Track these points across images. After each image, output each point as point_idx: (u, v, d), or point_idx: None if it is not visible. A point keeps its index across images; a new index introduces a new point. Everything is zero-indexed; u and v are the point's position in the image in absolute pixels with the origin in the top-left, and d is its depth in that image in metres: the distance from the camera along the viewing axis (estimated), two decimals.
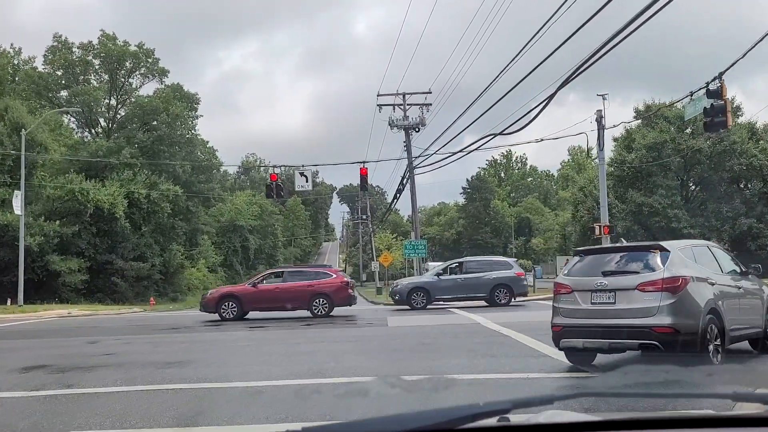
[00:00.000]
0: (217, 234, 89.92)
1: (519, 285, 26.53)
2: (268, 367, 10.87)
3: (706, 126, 18.45)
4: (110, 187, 47.78)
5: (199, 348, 14.22)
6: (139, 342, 15.74)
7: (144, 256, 52.23)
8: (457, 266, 27.62)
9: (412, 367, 10.46)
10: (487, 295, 25.95)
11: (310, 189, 35.06)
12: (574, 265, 10.65)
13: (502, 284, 26.08)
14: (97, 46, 57.00)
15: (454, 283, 26.12)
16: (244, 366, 11.02)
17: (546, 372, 9.90)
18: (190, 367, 10.98)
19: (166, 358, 12.40)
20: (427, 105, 40.29)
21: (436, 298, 25.99)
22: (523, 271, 27.18)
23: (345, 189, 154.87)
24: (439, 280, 26.51)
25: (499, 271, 26.59)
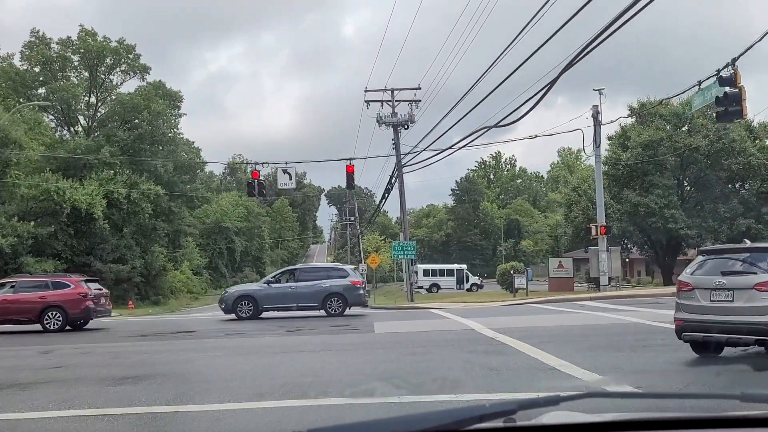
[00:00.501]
0: (202, 236, 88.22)
1: (354, 294, 24.53)
2: (235, 383, 9.42)
3: (718, 116, 17.21)
4: (88, 186, 46.06)
5: (163, 360, 12.72)
6: (98, 352, 14.24)
7: (124, 258, 50.56)
8: (290, 273, 25.86)
9: (399, 386, 9.02)
10: (319, 304, 24.09)
11: (294, 187, 33.70)
12: (698, 264, 11.30)
13: (336, 293, 24.23)
14: (76, 42, 55.20)
15: (285, 291, 24.22)
16: (208, 382, 9.57)
17: (558, 391, 8.44)
18: (145, 384, 9.51)
19: (121, 372, 10.93)
20: (416, 101, 38.98)
21: (265, 307, 24.04)
22: (360, 280, 25.30)
23: (333, 191, 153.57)
24: (269, 288, 24.47)
25: (333, 279, 24.71)
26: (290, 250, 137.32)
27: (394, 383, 9.23)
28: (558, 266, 43.79)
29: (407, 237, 40.42)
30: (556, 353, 11.91)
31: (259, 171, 31.27)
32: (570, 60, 14.56)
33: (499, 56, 18.83)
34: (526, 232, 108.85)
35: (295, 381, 9.30)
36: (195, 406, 7.74)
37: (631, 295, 30.44)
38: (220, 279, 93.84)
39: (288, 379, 9.50)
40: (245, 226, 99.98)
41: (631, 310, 22.24)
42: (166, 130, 56.68)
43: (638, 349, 12.76)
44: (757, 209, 41.64)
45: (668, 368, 10.71)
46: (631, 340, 14.31)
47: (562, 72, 14.62)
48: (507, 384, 8.91)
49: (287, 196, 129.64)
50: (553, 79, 14.87)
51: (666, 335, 14.71)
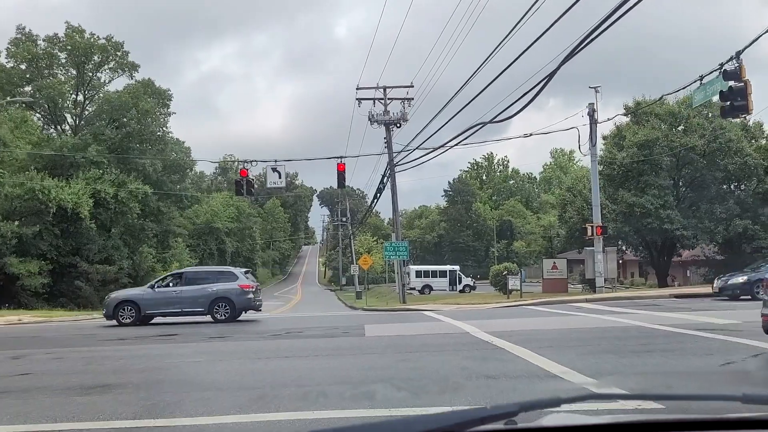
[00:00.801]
0: (192, 236, 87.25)
1: (242, 299, 23.50)
2: (213, 392, 8.68)
3: (723, 112, 16.54)
4: (75, 186, 45.16)
5: (138, 366, 11.95)
6: (72, 357, 13.45)
7: (111, 259, 49.73)
8: (177, 277, 24.81)
9: (390, 397, 8.32)
10: (205, 309, 23.18)
11: (283, 186, 32.88)
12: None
13: (223, 298, 23.28)
14: (63, 39, 54.32)
15: (170, 295, 23.16)
16: (183, 392, 8.82)
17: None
18: (114, 394, 8.78)
19: (92, 379, 10.19)
20: (409, 99, 38.26)
21: (148, 312, 23.02)
22: (250, 284, 24.39)
23: (325, 192, 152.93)
24: (153, 293, 23.39)
25: (221, 283, 23.71)
26: (282, 251, 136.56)
27: (384, 394, 8.53)
28: (552, 267, 43.18)
29: (399, 237, 39.74)
30: (556, 359, 11.24)
31: (248, 170, 30.50)
32: (571, 50, 13.93)
33: (490, 54, 18.40)
34: (519, 233, 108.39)
35: (276, 391, 8.57)
36: (163, 420, 7.00)
37: (627, 297, 29.84)
38: None
39: (268, 388, 8.77)
40: (236, 227, 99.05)
41: (629, 312, 21.62)
42: (154, 129, 55.89)
43: (642, 354, 12.09)
44: (754, 210, 41.13)
45: (670, 371, 10.41)
46: (633, 344, 13.64)
47: (562, 62, 13.98)
48: (506, 394, 8.22)
49: (279, 197, 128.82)
50: (553, 70, 14.24)
51: (668, 338, 14.10)
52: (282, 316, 34.07)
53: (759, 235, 40.46)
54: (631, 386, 8.95)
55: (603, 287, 31.74)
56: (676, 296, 28.69)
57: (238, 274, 24.51)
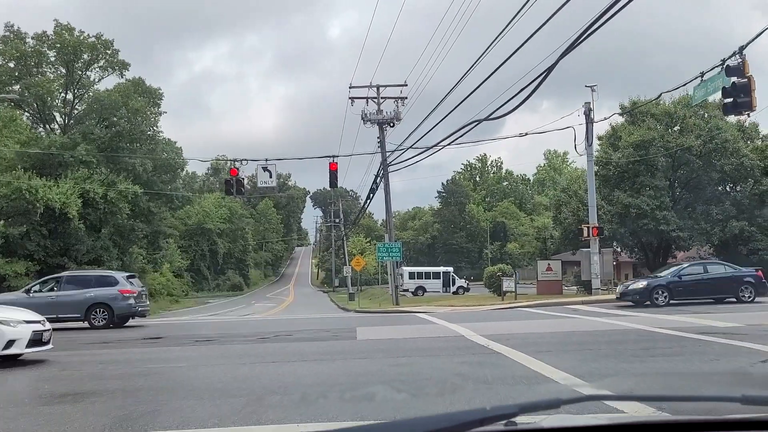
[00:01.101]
0: (184, 237, 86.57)
1: (122, 305, 22.78)
2: (191, 402, 8.11)
3: (725, 108, 16.07)
4: (63, 185, 44.44)
5: (117, 372, 11.36)
6: (47, 362, 12.82)
7: (100, 260, 48.95)
8: (55, 281, 23.95)
9: (383, 406, 7.78)
10: (82, 315, 22.45)
11: (274, 186, 32.28)
12: None
13: (100, 303, 22.58)
14: (52, 37, 53.52)
15: (45, 301, 22.10)
16: (160, 401, 8.24)
17: None
18: (86, 404, 8.20)
19: (65, 387, 9.60)
20: (403, 99, 37.71)
21: None
22: (132, 289, 23.38)
23: (318, 193, 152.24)
24: (28, 298, 22.34)
25: (99, 288, 22.97)
26: (274, 253, 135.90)
27: (376, 402, 7.99)
28: (546, 269, 42.70)
29: (393, 238, 39.21)
30: (556, 364, 10.73)
31: (239, 169, 29.91)
32: (572, 41, 13.44)
33: (483, 53, 18.07)
34: (512, 234, 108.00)
35: (260, 399, 8.01)
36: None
37: None
38: (202, 281, 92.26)
39: (252, 396, 8.21)
40: (228, 228, 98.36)
41: (627, 315, 21.16)
42: (145, 128, 55.04)
43: (647, 359, 11.58)
44: (750, 211, 40.74)
45: (669, 372, 10.25)
46: (634, 348, 13.14)
47: (562, 55, 13.51)
48: (505, 403, 7.65)
49: (272, 198, 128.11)
50: (553, 63, 13.76)
51: (671, 342, 13.59)
52: (272, 318, 33.50)
53: (755, 237, 40.09)
54: (631, 388, 8.92)
55: (599, 289, 31.27)
56: None
57: (119, 279, 23.62)
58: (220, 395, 8.53)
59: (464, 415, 1.89)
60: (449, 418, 1.88)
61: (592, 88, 30.47)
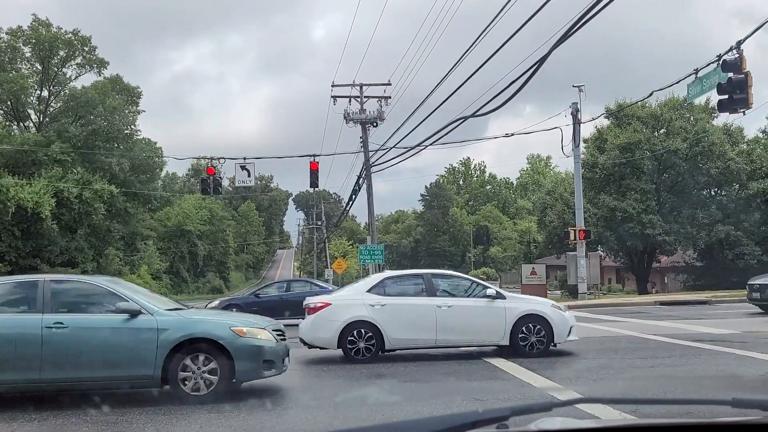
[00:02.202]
0: (163, 239, 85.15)
1: None
2: (163, 416, 7.19)
3: (721, 105, 15.41)
4: (36, 184, 43.18)
5: None
6: None
7: (74, 261, 47.70)
8: None
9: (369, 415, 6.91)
10: None
11: (252, 185, 31.33)
12: None
13: None
14: (27, 32, 52.20)
15: None
16: (127, 404, 7.31)
17: None
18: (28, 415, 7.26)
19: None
20: (386, 98, 36.84)
21: None
22: None
23: (301, 195, 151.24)
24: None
25: None
26: (256, 255, 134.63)
27: (353, 416, 7.15)
28: (531, 273, 42.06)
29: (375, 240, 38.38)
30: (550, 376, 9.98)
31: (216, 167, 28.92)
32: (562, 34, 12.69)
33: (466, 51, 17.55)
34: (495, 238, 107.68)
35: None
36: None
37: (611, 304, 28.69)
38: (181, 284, 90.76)
39: None
40: (209, 230, 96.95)
41: (616, 320, 20.47)
42: (122, 127, 53.88)
43: (644, 369, 10.83)
44: (736, 215, 40.38)
45: (660, 375, 10.13)
46: (632, 357, 12.38)
47: (553, 48, 12.75)
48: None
49: (254, 200, 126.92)
50: (543, 55, 13.02)
51: (668, 350, 12.85)
52: None
53: (741, 242, 39.72)
54: (623, 392, 8.99)
55: (585, 293, 30.63)
56: (662, 303, 27.62)
57: None
58: None
59: (456, 417, 1.90)
60: (441, 420, 1.88)
61: (580, 89, 29.86)
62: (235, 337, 8.69)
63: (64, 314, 8.68)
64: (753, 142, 44.67)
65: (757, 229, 41.36)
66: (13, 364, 8.30)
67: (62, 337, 8.43)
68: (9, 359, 8.28)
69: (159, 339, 8.54)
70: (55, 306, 8.72)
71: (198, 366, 8.54)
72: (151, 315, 8.74)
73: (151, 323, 8.65)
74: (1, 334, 8.37)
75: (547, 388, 8.64)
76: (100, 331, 8.69)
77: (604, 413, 6.14)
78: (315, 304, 12.50)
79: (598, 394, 8.58)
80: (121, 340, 8.63)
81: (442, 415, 1.92)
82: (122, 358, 8.57)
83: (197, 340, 8.64)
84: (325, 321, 12.15)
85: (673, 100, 40.93)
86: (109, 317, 8.80)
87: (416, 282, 12.97)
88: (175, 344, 8.53)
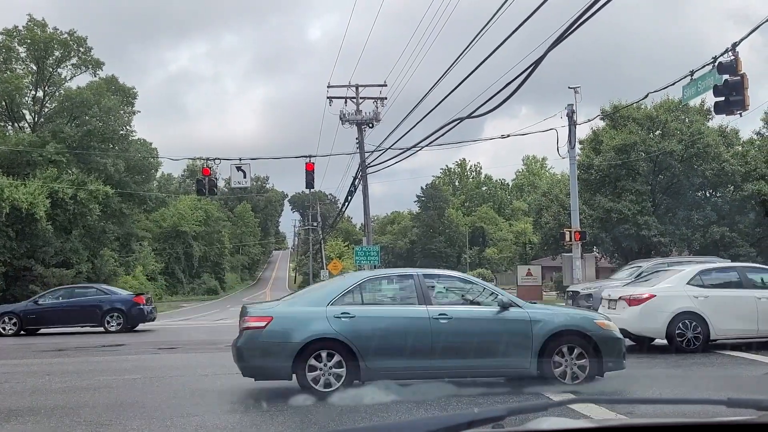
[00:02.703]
0: (158, 240, 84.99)
1: None
2: (138, 422, 7.16)
3: (717, 108, 15.41)
4: (30, 185, 43.04)
5: (63, 385, 10.31)
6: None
7: (69, 262, 47.52)
8: None
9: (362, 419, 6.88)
10: None
11: (248, 186, 31.23)
12: None
13: None
14: (22, 32, 52.05)
15: None
16: (101, 422, 7.27)
17: None
18: (15, 423, 7.21)
19: (1, 403, 8.58)
20: (382, 99, 36.83)
21: None
22: None
23: (296, 197, 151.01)
24: None
25: None
26: (251, 256, 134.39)
27: (348, 421, 7.12)
28: (526, 274, 42.19)
29: (371, 241, 38.33)
30: None
31: (211, 168, 28.83)
32: (558, 36, 12.68)
33: (462, 52, 17.53)
34: (491, 239, 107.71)
35: (216, 419, 7.08)
36: None
37: None
38: (176, 285, 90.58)
39: (208, 418, 7.27)
40: (204, 231, 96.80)
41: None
42: (117, 128, 53.74)
43: (641, 369, 10.82)
44: (731, 217, 40.48)
45: (657, 375, 10.27)
46: (629, 356, 12.36)
47: (549, 49, 12.74)
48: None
49: (249, 201, 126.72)
50: (539, 57, 13.00)
51: (663, 350, 12.86)
52: None
53: (736, 243, 39.80)
54: (618, 391, 8.93)
55: None
56: None
57: None
58: (173, 414, 7.59)
59: (452, 418, 1.91)
60: (437, 420, 1.89)
61: (575, 90, 29.77)
62: (599, 329, 9.02)
63: (445, 306, 9.02)
64: (748, 143, 44.79)
65: (752, 231, 41.45)
66: (406, 353, 8.57)
67: (447, 327, 8.71)
68: (402, 348, 8.56)
69: (533, 331, 8.80)
70: (432, 298, 9.08)
71: (568, 358, 8.86)
72: (522, 308, 9.07)
73: (523, 315, 8.96)
74: (394, 325, 8.71)
75: (542, 388, 8.55)
76: (478, 322, 8.98)
77: (599, 413, 6.14)
78: (640, 296, 13.00)
79: (592, 394, 8.57)
80: (498, 331, 8.87)
81: (438, 415, 1.98)
82: (500, 349, 8.82)
83: (567, 332, 8.91)
84: (653, 312, 12.75)
85: (668, 101, 41.00)
86: (483, 309, 9.10)
87: (732, 274, 13.82)
88: (548, 336, 8.79)
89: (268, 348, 8.58)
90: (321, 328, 8.59)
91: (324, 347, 8.50)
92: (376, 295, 9.50)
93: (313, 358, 8.45)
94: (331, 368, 8.45)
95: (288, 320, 8.77)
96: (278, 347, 8.51)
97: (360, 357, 8.49)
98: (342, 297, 8.98)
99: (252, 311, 9.20)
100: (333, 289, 9.30)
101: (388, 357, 8.58)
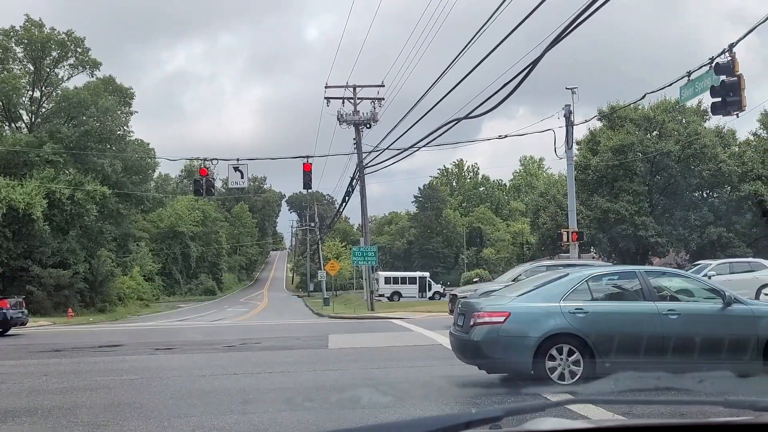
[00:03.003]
0: (156, 240, 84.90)
1: None
2: (136, 422, 7.14)
3: (714, 108, 15.45)
4: (27, 185, 42.96)
5: (60, 386, 10.28)
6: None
7: (66, 263, 47.39)
8: None
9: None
10: None
11: (245, 186, 31.24)
12: None
13: None
14: (19, 32, 51.91)
15: None
16: (97, 423, 7.25)
17: None
18: (11, 425, 7.19)
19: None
20: (380, 99, 36.91)
21: None
22: None
23: (294, 197, 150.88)
24: None
25: None
26: (249, 257, 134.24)
27: (347, 421, 7.10)
28: None
29: (368, 242, 38.32)
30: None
31: (209, 169, 28.82)
32: (555, 37, 12.69)
33: (460, 53, 17.57)
34: (489, 240, 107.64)
35: (214, 420, 7.07)
36: None
37: None
38: (174, 285, 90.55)
39: (206, 419, 7.26)
40: (201, 231, 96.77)
41: None
42: (115, 128, 53.61)
43: (639, 369, 10.81)
44: (728, 217, 40.54)
45: (653, 375, 9.66)
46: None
47: (546, 50, 12.74)
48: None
49: (247, 201, 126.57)
50: (536, 58, 13.01)
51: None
52: (243, 324, 32.42)
53: (733, 243, 39.87)
54: (617, 391, 8.38)
55: None
56: None
57: None
58: (170, 415, 7.57)
59: (450, 418, 1.90)
60: (435, 421, 1.87)
61: (573, 91, 29.84)
62: None
63: (671, 302, 9.19)
64: (744, 144, 44.87)
65: (749, 231, 41.52)
66: (640, 349, 8.68)
67: (677, 324, 8.83)
68: (636, 344, 8.68)
69: (758, 326, 8.86)
70: (657, 295, 9.24)
71: None
72: (745, 304, 9.16)
73: (746, 312, 9.03)
74: (627, 321, 8.90)
75: (540, 388, 8.57)
76: (705, 318, 9.04)
77: (597, 414, 6.14)
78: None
79: (590, 394, 8.50)
80: (723, 326, 8.92)
81: (435, 416, 1.92)
82: (726, 344, 8.81)
83: None
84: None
85: (665, 102, 41.05)
86: (708, 305, 9.20)
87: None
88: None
89: (509, 342, 8.82)
90: (558, 324, 8.85)
91: (561, 342, 8.77)
92: (603, 292, 9.63)
93: (552, 351, 8.73)
94: (569, 363, 8.71)
95: (526, 315, 9.04)
96: (519, 341, 8.79)
97: (596, 352, 8.69)
98: (573, 293, 9.16)
99: (486, 306, 9.32)
100: (562, 286, 9.41)
101: (622, 352, 8.68)
